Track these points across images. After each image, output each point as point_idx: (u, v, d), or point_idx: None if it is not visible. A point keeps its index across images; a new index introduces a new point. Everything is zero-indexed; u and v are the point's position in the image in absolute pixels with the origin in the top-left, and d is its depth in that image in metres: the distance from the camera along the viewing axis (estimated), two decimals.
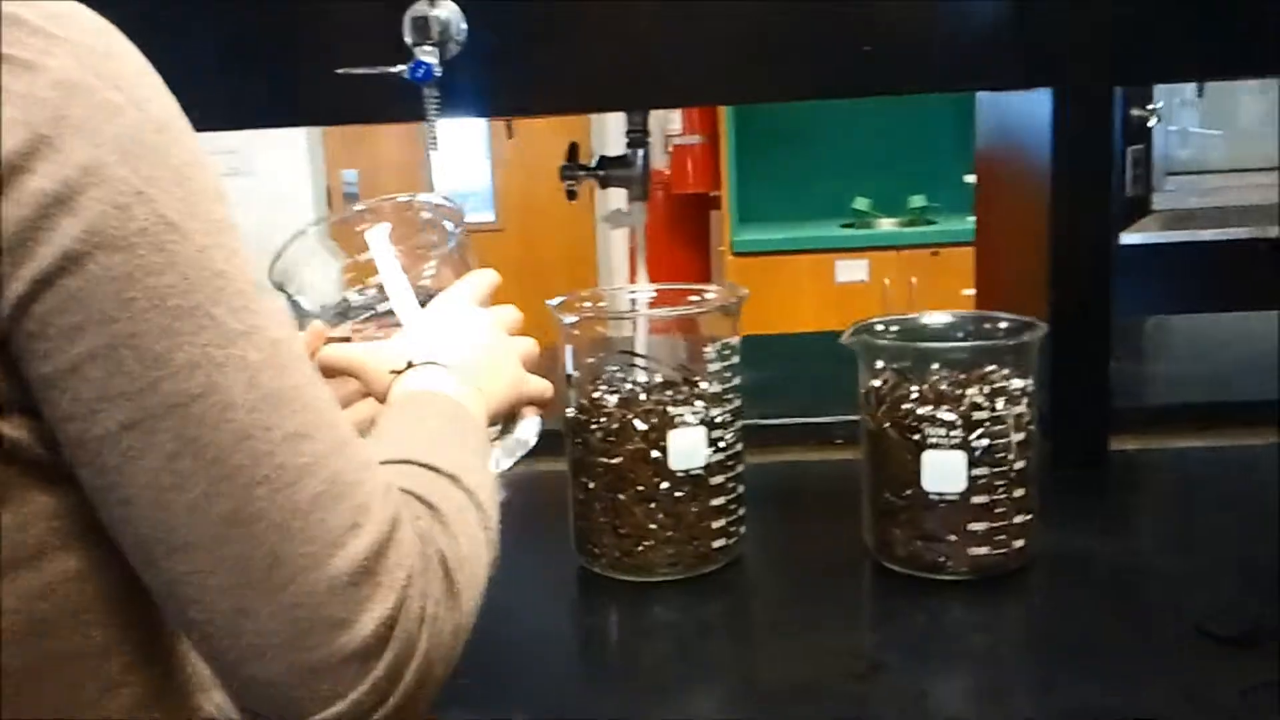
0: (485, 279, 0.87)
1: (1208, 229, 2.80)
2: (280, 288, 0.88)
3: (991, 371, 0.95)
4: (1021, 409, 0.94)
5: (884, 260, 3.20)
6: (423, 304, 0.86)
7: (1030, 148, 1.21)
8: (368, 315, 0.87)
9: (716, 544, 0.99)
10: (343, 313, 0.87)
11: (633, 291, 1.10)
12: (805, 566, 1.02)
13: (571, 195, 1.35)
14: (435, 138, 1.17)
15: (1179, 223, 2.85)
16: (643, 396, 0.98)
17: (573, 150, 1.35)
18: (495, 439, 0.85)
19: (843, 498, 1.03)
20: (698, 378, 0.99)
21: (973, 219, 1.61)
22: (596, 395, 1.00)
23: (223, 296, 0.51)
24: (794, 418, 1.41)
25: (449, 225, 0.90)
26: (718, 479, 0.98)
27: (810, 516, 1.14)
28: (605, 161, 1.34)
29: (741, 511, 1.01)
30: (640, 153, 1.33)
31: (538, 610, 0.98)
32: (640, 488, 0.97)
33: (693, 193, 3.40)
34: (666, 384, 1.01)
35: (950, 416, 0.93)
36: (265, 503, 0.51)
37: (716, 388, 0.98)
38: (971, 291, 3.26)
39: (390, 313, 0.86)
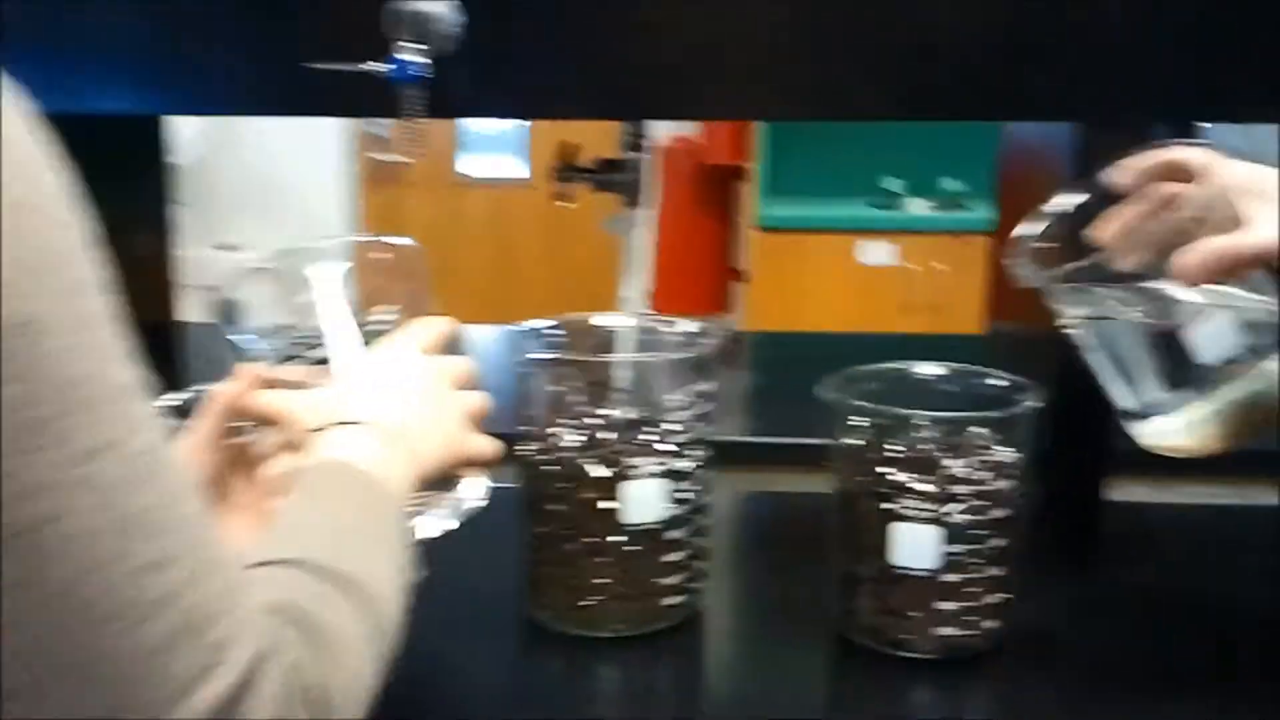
0: (437, 326, 0.81)
1: None
2: (223, 322, 0.82)
3: (977, 441, 0.88)
4: (1006, 484, 0.87)
5: (911, 244, 3.11)
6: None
7: (1052, 146, 1.11)
8: (315, 360, 0.81)
9: (669, 601, 0.93)
10: (289, 354, 0.81)
11: (615, 319, 1.03)
12: (765, 628, 0.96)
13: (563, 198, 1.28)
14: (416, 144, 1.10)
15: None
16: (602, 436, 0.92)
17: (567, 152, 1.28)
18: (429, 501, 0.80)
19: (820, 545, 0.96)
20: (667, 419, 0.93)
21: None
22: (553, 432, 0.94)
23: (78, 407, 0.45)
24: (787, 436, 1.36)
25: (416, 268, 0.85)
26: (675, 534, 0.92)
27: (781, 566, 1.07)
28: (603, 165, 1.26)
29: (701, 566, 0.95)
30: (640, 158, 1.25)
31: (475, 660, 0.92)
32: (590, 539, 0.91)
33: (723, 164, 3.31)
34: (633, 423, 0.95)
35: (926, 488, 0.86)
36: (112, 642, 0.45)
37: (683, 437, 0.92)
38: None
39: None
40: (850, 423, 0.90)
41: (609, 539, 0.91)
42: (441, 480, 0.78)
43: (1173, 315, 0.80)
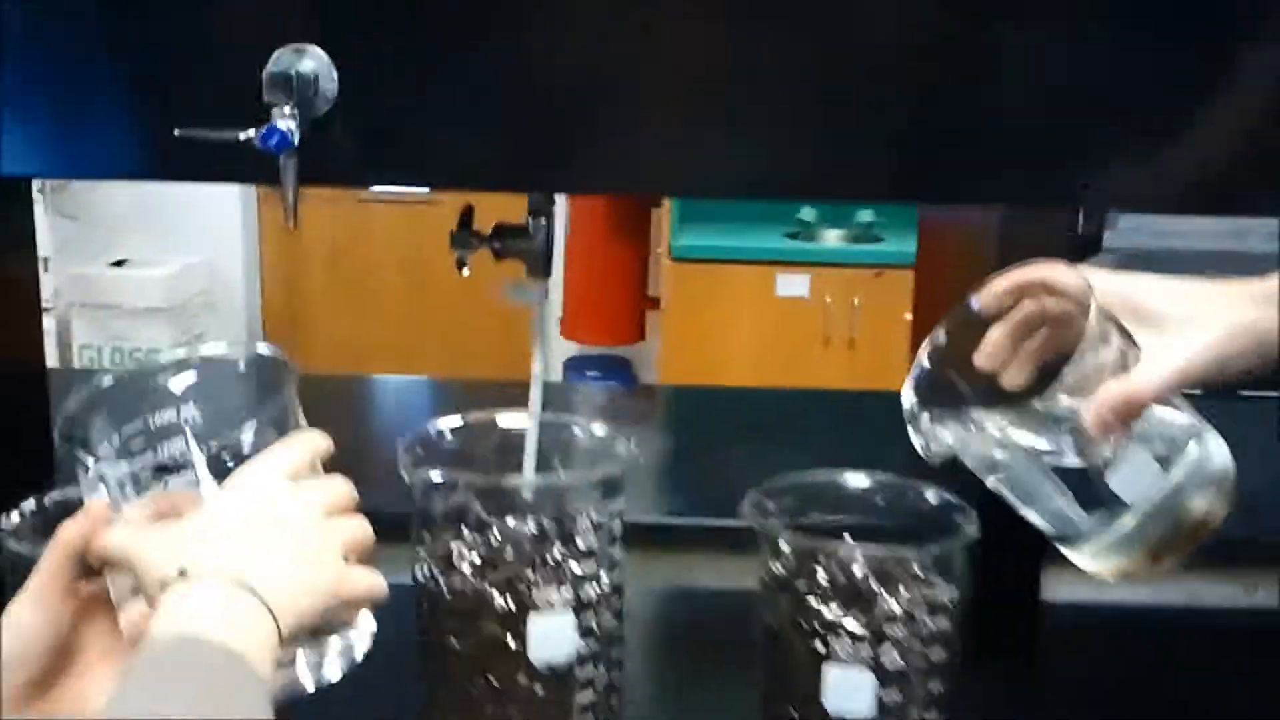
0: (308, 445, 0.71)
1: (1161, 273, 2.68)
2: (69, 446, 0.72)
3: (914, 574, 0.80)
4: (945, 623, 0.80)
5: (826, 277, 3.06)
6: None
7: None
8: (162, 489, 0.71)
9: None
10: (140, 482, 0.71)
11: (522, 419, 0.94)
12: None
13: (461, 266, 1.18)
14: (293, 213, 1.00)
15: (1132, 263, 2.73)
16: (508, 555, 0.83)
17: (466, 215, 1.19)
18: (306, 649, 0.71)
19: (745, 665, 0.88)
20: (575, 539, 0.84)
21: None
22: (453, 550, 0.85)
23: None
24: (704, 516, 1.28)
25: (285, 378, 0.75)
26: (588, 672, 0.84)
27: (703, 696, 0.99)
28: (501, 231, 1.17)
29: (616, 704, 0.87)
30: (543, 223, 1.16)
31: None
32: (494, 681, 0.82)
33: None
34: (541, 536, 0.86)
35: (859, 629, 0.79)
36: None
37: (591, 567, 0.83)
38: (911, 316, 3.15)
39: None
40: (778, 544, 0.83)
41: (519, 680, 0.82)
42: (319, 626, 0.69)
43: (1084, 456, 0.76)
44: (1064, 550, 0.80)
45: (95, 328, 3.36)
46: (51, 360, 3.01)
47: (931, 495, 0.84)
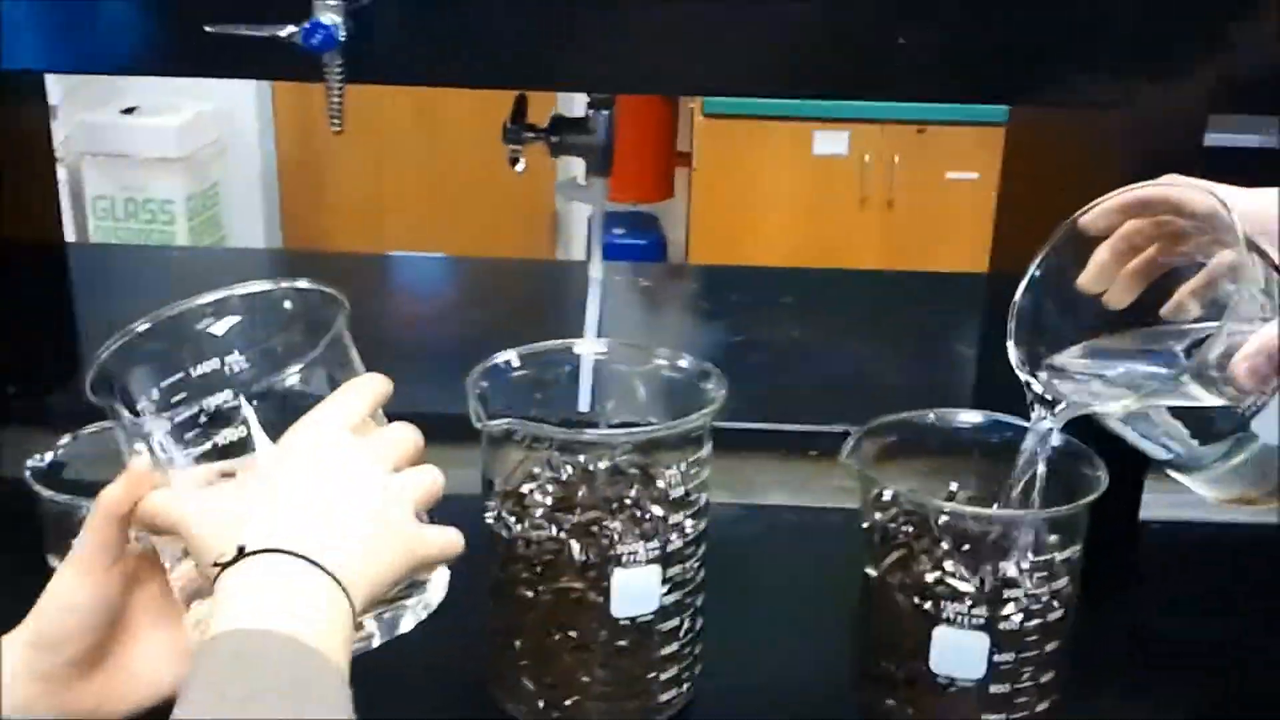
0: (367, 392, 0.64)
1: None
2: (105, 400, 0.65)
3: (1034, 537, 0.74)
4: (1064, 582, 0.74)
5: (865, 134, 2.93)
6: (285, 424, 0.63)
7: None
8: (207, 448, 0.64)
9: (665, 696, 0.80)
10: (180, 438, 0.64)
11: (583, 348, 0.87)
12: (772, 717, 0.82)
13: (515, 163, 1.09)
14: (339, 113, 0.91)
15: None
16: (588, 504, 0.77)
17: (519, 106, 1.09)
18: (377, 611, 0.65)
19: (831, 590, 0.83)
20: (658, 484, 0.78)
21: None
22: (526, 494, 0.78)
23: None
24: (758, 421, 1.22)
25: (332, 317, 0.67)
26: (671, 623, 0.78)
27: (785, 618, 0.93)
28: (560, 124, 1.08)
29: (699, 650, 0.82)
30: (604, 116, 1.07)
31: None
32: (572, 633, 0.77)
33: None
34: (616, 472, 0.80)
35: (973, 590, 0.73)
36: None
37: (678, 516, 0.77)
38: (958, 175, 3.04)
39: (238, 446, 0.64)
40: (883, 499, 0.76)
41: (599, 635, 0.76)
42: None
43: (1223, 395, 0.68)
44: (1181, 478, 0.74)
45: (107, 178, 3.26)
46: (65, 212, 2.94)
47: (1056, 440, 0.77)
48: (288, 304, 0.68)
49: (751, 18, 0.87)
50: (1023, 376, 0.73)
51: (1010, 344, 0.74)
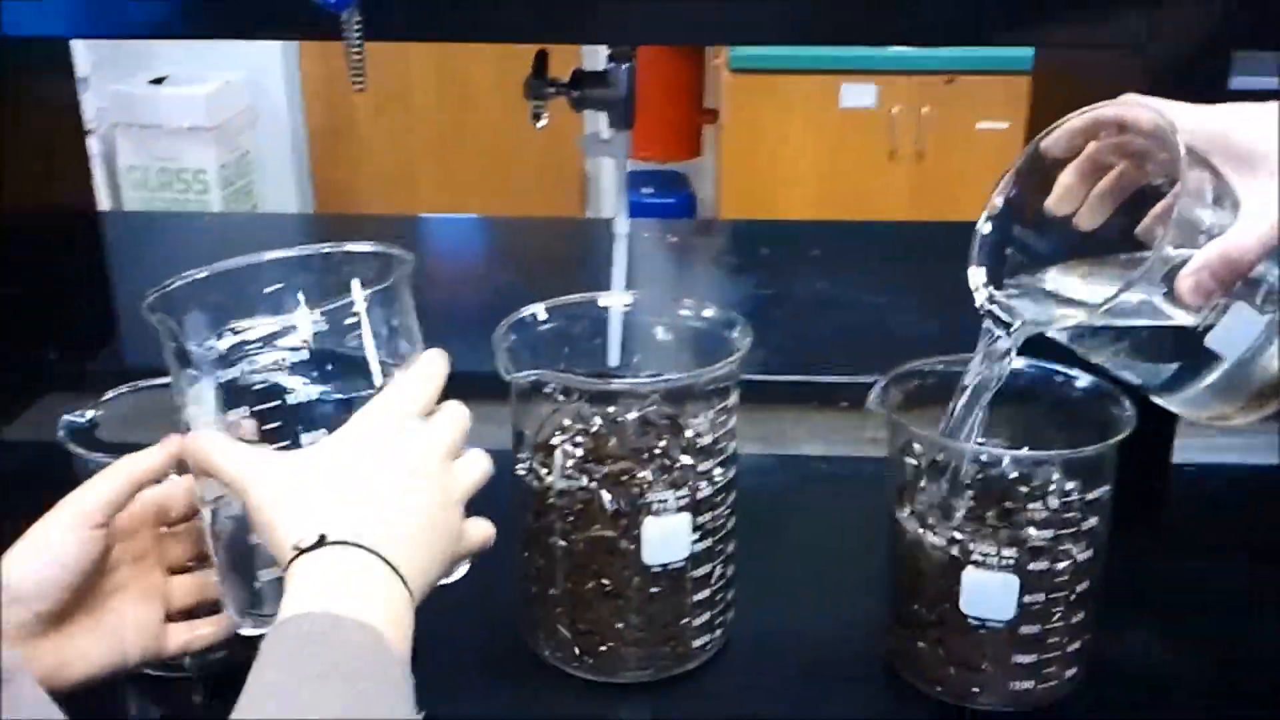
0: (436, 375, 0.66)
1: None
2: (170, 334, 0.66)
3: (1063, 478, 0.74)
4: (1095, 520, 0.74)
5: (894, 85, 2.90)
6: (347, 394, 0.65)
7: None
8: (270, 405, 0.65)
9: (698, 642, 0.81)
10: (236, 390, 0.65)
11: (611, 301, 0.87)
12: (804, 664, 0.83)
13: (537, 118, 1.09)
14: (360, 71, 0.92)
15: None
16: (618, 454, 0.78)
17: (540, 61, 1.09)
18: None
19: (862, 538, 0.84)
20: (686, 433, 0.79)
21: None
22: (556, 445, 0.79)
23: None
24: (788, 373, 1.22)
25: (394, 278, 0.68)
26: (703, 570, 0.79)
27: (817, 576, 0.94)
28: (581, 78, 1.08)
29: (731, 596, 0.83)
30: (624, 69, 1.07)
31: (475, 704, 0.80)
32: (605, 581, 0.78)
33: None
34: (645, 422, 0.81)
35: (1003, 532, 0.73)
36: None
37: (707, 464, 0.77)
38: (988, 125, 3.01)
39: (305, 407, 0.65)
40: (912, 445, 0.76)
41: (632, 581, 0.77)
42: None
43: (1175, 313, 0.68)
44: (1157, 399, 0.74)
45: (139, 148, 3.28)
46: (99, 182, 2.96)
47: (1082, 381, 0.77)
48: (350, 264, 0.69)
49: None
50: (979, 297, 0.73)
51: (971, 268, 0.74)
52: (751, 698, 0.81)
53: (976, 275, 0.74)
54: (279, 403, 0.64)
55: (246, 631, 0.67)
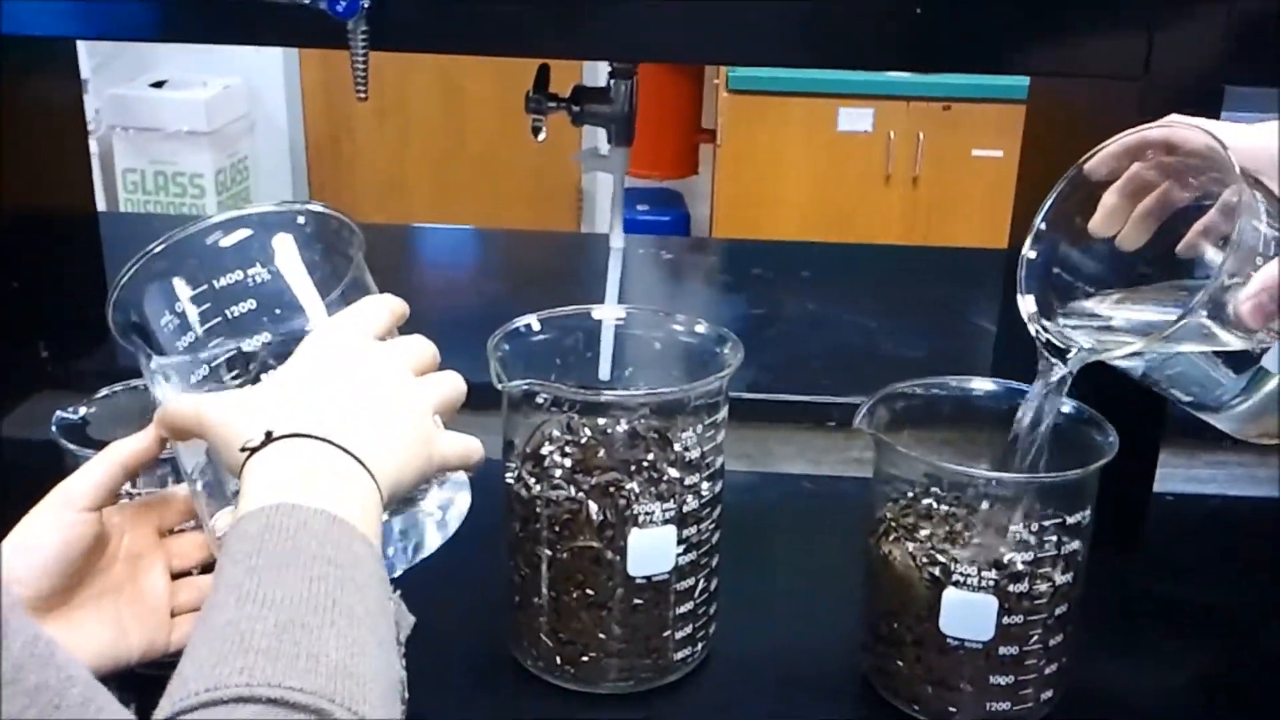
0: (387, 306, 0.66)
1: None
2: (124, 333, 0.66)
3: (1045, 502, 0.75)
4: (1075, 546, 0.75)
5: (890, 110, 2.93)
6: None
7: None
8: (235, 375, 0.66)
9: (680, 655, 0.81)
10: (204, 364, 0.66)
11: (604, 313, 0.88)
12: (784, 679, 0.84)
13: (537, 132, 1.10)
14: (364, 80, 0.93)
15: None
16: (606, 464, 0.78)
17: (542, 76, 1.10)
18: (402, 519, 0.67)
19: (844, 556, 0.85)
20: (675, 447, 0.79)
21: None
22: (545, 454, 0.80)
23: None
24: (777, 392, 1.23)
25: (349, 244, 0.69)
26: (687, 583, 0.80)
27: (799, 581, 0.95)
28: (581, 94, 1.09)
29: (713, 610, 0.83)
30: (625, 86, 1.08)
31: (455, 713, 0.81)
32: (589, 591, 0.78)
33: None
34: (634, 435, 0.81)
35: (984, 554, 0.74)
36: None
37: (694, 478, 0.78)
38: (983, 152, 3.03)
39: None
40: (895, 464, 0.77)
41: (615, 592, 0.78)
42: (413, 494, 0.65)
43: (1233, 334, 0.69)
44: (1205, 417, 0.75)
45: (137, 151, 3.29)
46: (96, 185, 2.97)
47: (1066, 407, 0.78)
48: (301, 222, 0.69)
49: None
50: (1033, 328, 0.74)
51: (1020, 295, 0.74)
52: (731, 712, 0.81)
53: (1026, 304, 0.75)
54: (248, 373, 0.65)
55: None
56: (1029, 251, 0.75)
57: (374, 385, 0.61)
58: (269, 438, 0.56)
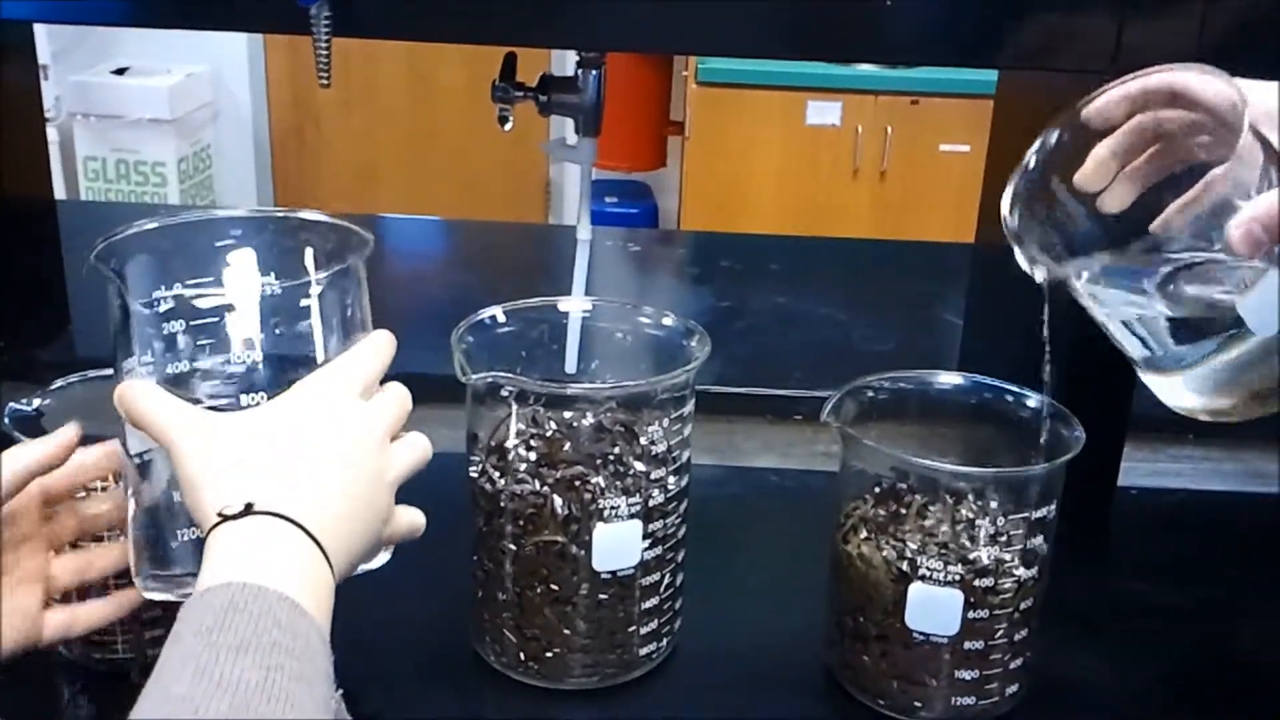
0: (379, 355, 0.65)
1: None
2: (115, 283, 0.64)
3: (1010, 496, 0.75)
4: (1039, 541, 0.75)
5: (859, 104, 2.93)
6: (290, 364, 0.64)
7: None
8: (210, 362, 0.64)
9: (645, 650, 0.81)
10: (177, 345, 0.64)
11: (570, 305, 0.87)
12: (749, 674, 0.83)
13: (504, 121, 1.09)
14: (326, 66, 0.91)
15: None
16: (571, 459, 0.78)
17: (509, 64, 1.09)
18: None
19: (810, 550, 0.84)
20: (641, 440, 0.79)
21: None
22: (510, 448, 0.79)
23: None
24: (744, 385, 1.23)
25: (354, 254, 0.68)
26: (652, 578, 0.79)
27: (765, 576, 0.95)
28: (549, 83, 1.08)
29: (679, 605, 0.83)
30: (593, 76, 1.07)
31: (417, 709, 0.80)
32: (554, 586, 0.78)
33: None
34: (600, 428, 0.81)
35: (949, 548, 0.74)
36: None
37: (660, 471, 0.77)
38: (950, 147, 3.04)
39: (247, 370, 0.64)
40: (862, 458, 0.77)
41: (580, 588, 0.77)
42: None
43: (1202, 282, 0.67)
44: (1154, 379, 0.71)
45: (98, 139, 3.25)
46: (55, 173, 2.92)
47: (1032, 401, 0.78)
48: (306, 235, 0.69)
49: None
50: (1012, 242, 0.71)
51: (1005, 201, 0.71)
52: (696, 707, 0.81)
53: (1011, 219, 0.71)
54: (221, 359, 0.63)
55: (152, 595, 0.65)
56: (1016, 183, 0.72)
57: (351, 461, 0.61)
58: (248, 510, 0.56)
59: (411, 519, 0.65)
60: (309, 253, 0.68)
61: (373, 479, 0.61)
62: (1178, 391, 0.70)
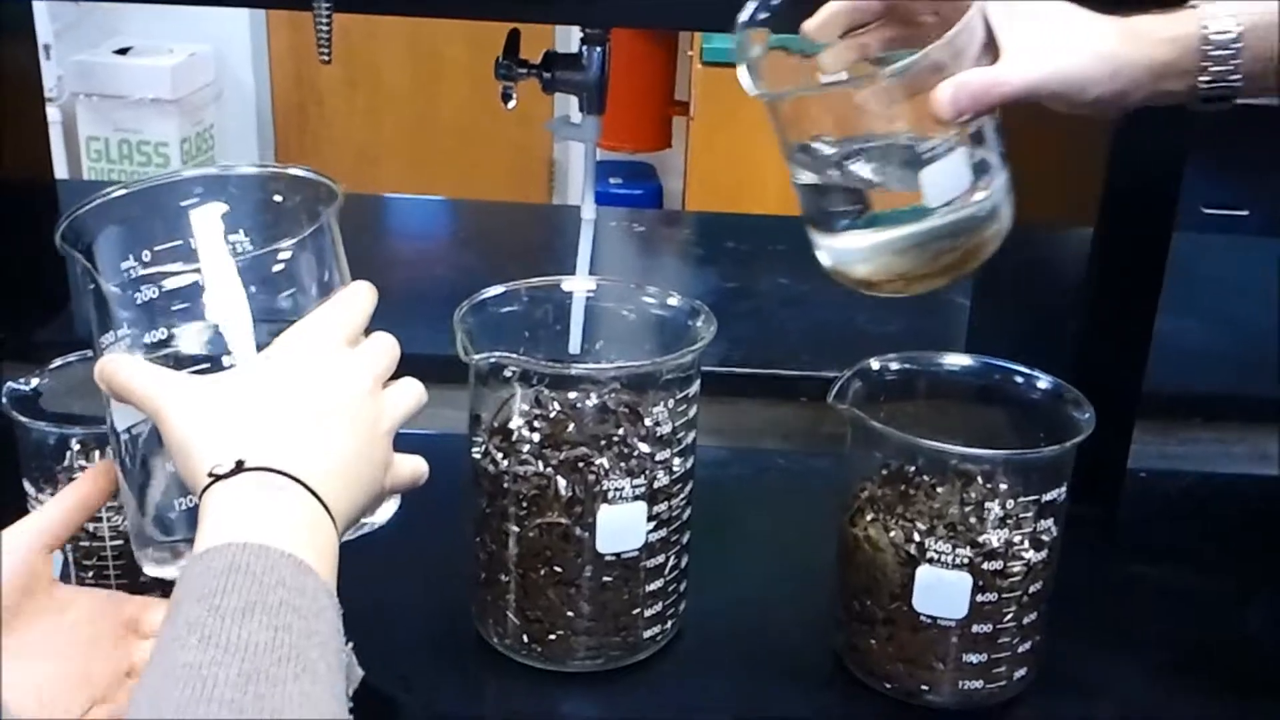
0: (364, 303, 0.64)
1: None
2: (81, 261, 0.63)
3: (1020, 479, 0.74)
4: (1048, 524, 0.74)
5: None
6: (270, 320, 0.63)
7: None
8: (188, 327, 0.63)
9: (649, 633, 0.80)
10: (153, 313, 0.63)
11: (573, 285, 0.86)
12: (755, 656, 0.83)
13: (507, 99, 1.08)
14: (327, 41, 0.90)
15: None
16: (575, 440, 0.77)
17: (512, 41, 1.08)
18: None
19: (816, 532, 0.84)
20: (645, 421, 0.78)
21: None
22: (514, 429, 0.78)
23: None
24: (750, 366, 1.22)
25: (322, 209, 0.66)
26: (657, 559, 0.78)
27: (771, 558, 0.94)
28: (553, 60, 1.07)
29: (683, 587, 0.82)
30: (597, 52, 1.06)
31: (421, 691, 0.79)
32: (557, 568, 0.77)
33: None
34: (604, 409, 0.80)
35: (958, 531, 0.73)
36: None
37: (665, 453, 0.77)
38: None
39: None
40: (869, 440, 0.76)
41: (584, 570, 0.76)
42: None
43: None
44: (822, 240, 0.77)
45: (100, 119, 3.23)
46: (58, 153, 2.91)
47: (1043, 383, 0.77)
48: (278, 194, 0.67)
49: None
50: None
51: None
52: (701, 690, 0.80)
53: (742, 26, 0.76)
54: (200, 323, 0.62)
55: (155, 572, 0.63)
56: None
57: (346, 413, 0.59)
58: (239, 467, 0.54)
59: (414, 466, 0.62)
60: (280, 207, 0.66)
61: (367, 427, 0.59)
62: (843, 254, 0.75)
